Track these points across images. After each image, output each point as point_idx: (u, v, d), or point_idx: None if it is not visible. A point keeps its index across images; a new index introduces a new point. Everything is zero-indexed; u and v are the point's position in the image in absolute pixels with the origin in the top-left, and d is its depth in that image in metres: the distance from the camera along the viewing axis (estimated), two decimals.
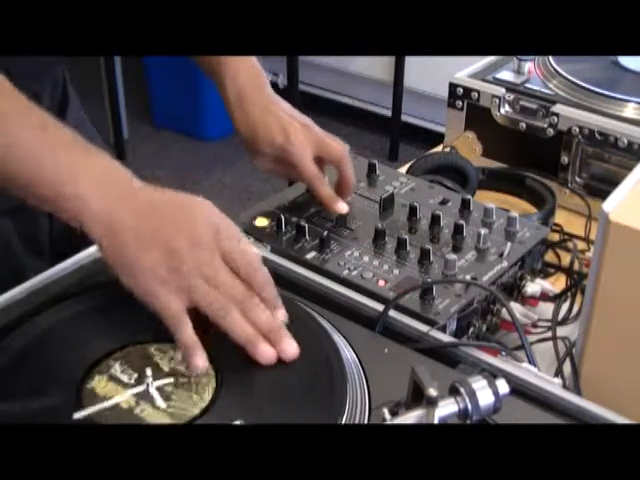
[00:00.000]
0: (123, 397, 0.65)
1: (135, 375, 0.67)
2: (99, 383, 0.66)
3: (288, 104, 0.96)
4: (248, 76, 0.94)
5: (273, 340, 0.68)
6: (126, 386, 0.66)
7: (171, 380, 0.66)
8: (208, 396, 0.65)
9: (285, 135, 0.91)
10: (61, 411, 0.63)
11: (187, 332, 0.67)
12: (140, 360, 0.68)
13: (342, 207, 0.93)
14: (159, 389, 0.65)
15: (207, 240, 0.69)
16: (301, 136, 0.92)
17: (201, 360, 0.67)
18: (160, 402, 0.65)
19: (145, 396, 0.65)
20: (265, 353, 0.68)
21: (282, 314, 0.71)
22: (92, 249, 0.81)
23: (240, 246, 0.71)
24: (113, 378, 0.66)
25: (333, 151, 0.94)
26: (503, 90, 1.17)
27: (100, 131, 1.16)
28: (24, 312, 0.74)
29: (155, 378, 0.66)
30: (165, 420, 0.63)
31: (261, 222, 0.92)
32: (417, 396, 0.60)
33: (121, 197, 0.70)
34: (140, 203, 0.70)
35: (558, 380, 0.74)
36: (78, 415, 0.62)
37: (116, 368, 0.67)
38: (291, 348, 0.69)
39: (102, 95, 3.15)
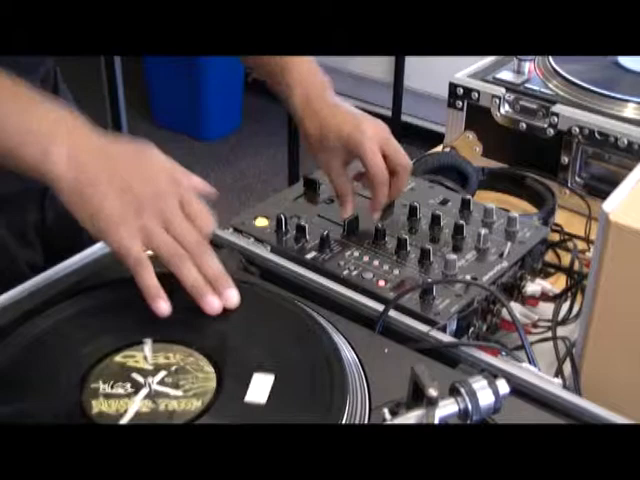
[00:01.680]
0: (137, 404, 0.64)
1: (128, 385, 0.66)
2: (101, 406, 0.64)
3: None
4: (315, 80, 0.97)
5: (219, 288, 0.71)
6: (130, 395, 0.65)
7: (165, 372, 0.66)
8: (210, 368, 0.66)
9: (355, 124, 0.92)
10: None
11: (150, 277, 0.69)
12: (119, 372, 0.67)
13: (376, 216, 0.92)
14: (162, 383, 0.66)
15: (167, 187, 0.72)
16: (372, 127, 0.92)
17: (164, 304, 0.69)
18: (175, 392, 0.65)
19: (156, 394, 0.65)
20: (211, 302, 0.70)
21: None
22: (88, 251, 0.81)
23: (197, 199, 0.73)
24: (110, 396, 0.65)
25: (400, 154, 0.92)
26: (503, 90, 1.17)
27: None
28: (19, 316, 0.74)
29: (150, 377, 0.66)
30: (194, 403, 0.64)
31: (261, 222, 0.92)
32: (417, 396, 0.60)
33: (82, 141, 0.72)
34: (101, 147, 0.73)
35: (558, 380, 0.74)
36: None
37: (103, 387, 0.66)
38: (233, 296, 0.71)
39: (102, 95, 3.14)
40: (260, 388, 0.65)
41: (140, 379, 0.66)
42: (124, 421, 0.62)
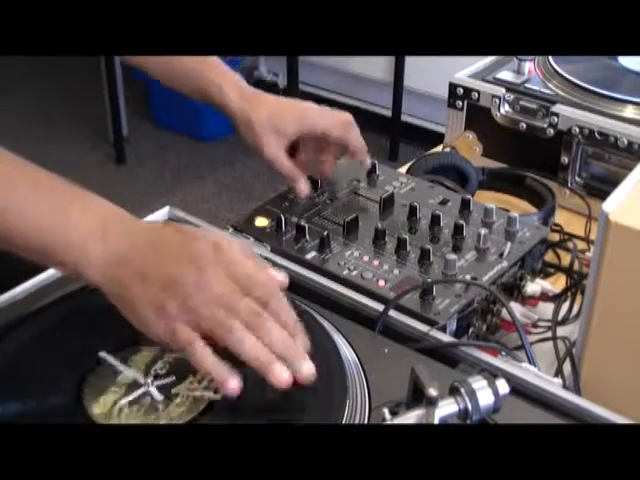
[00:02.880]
0: (129, 402, 0.65)
1: (129, 383, 0.67)
2: (100, 402, 0.65)
3: None
4: (235, 76, 1.00)
5: (289, 362, 0.62)
6: (128, 394, 0.66)
7: (166, 373, 0.67)
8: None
9: (314, 108, 0.98)
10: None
11: (207, 358, 0.62)
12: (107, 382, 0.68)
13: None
14: (161, 383, 0.66)
15: (211, 261, 0.64)
16: (317, 109, 0.99)
17: (234, 380, 0.62)
18: (172, 394, 0.66)
19: (154, 395, 0.66)
20: (279, 375, 0.61)
21: (303, 341, 0.64)
22: None
23: (252, 268, 0.66)
24: (110, 391, 0.66)
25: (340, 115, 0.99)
26: (503, 90, 1.17)
27: (100, 130, 1.16)
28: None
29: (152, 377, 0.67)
30: (191, 406, 0.64)
31: (261, 222, 0.92)
32: (417, 396, 0.60)
33: (122, 239, 0.67)
34: (141, 241, 0.67)
35: (558, 380, 0.74)
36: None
37: (106, 382, 0.67)
38: (307, 369, 0.63)
39: (102, 94, 3.14)
40: None
41: (142, 378, 0.66)
42: (120, 420, 0.63)
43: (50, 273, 0.80)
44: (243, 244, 0.68)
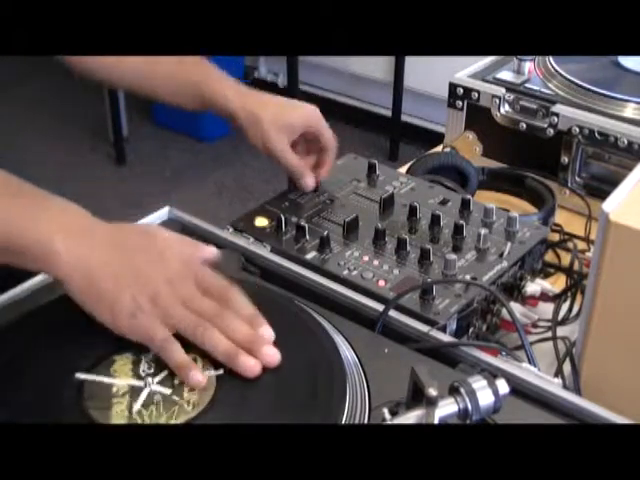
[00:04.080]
0: (128, 403, 0.65)
1: (131, 380, 0.67)
2: (101, 401, 0.65)
3: None
4: (230, 79, 1.01)
5: (254, 349, 0.67)
6: (128, 392, 0.66)
7: (168, 375, 0.67)
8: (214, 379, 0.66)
9: (308, 108, 1.00)
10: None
11: (177, 354, 0.67)
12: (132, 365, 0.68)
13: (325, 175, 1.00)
14: (161, 384, 0.66)
15: (179, 269, 0.70)
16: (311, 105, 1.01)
17: (198, 375, 0.66)
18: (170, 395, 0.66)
19: (152, 396, 0.66)
20: (246, 364, 0.66)
21: (266, 330, 0.69)
22: None
23: (209, 272, 0.71)
24: (110, 387, 0.66)
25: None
26: (503, 90, 1.17)
27: (100, 130, 1.16)
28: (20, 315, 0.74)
29: (153, 377, 0.67)
30: (187, 408, 0.64)
31: (261, 222, 0.92)
32: (417, 396, 0.60)
33: (86, 237, 0.70)
34: (105, 239, 0.70)
35: (558, 380, 0.74)
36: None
37: (108, 378, 0.67)
38: (272, 353, 0.67)
39: (102, 94, 3.15)
40: None
41: (143, 378, 0.66)
42: (118, 420, 0.63)
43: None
44: (185, 240, 0.74)
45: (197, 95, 1.00)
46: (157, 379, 0.66)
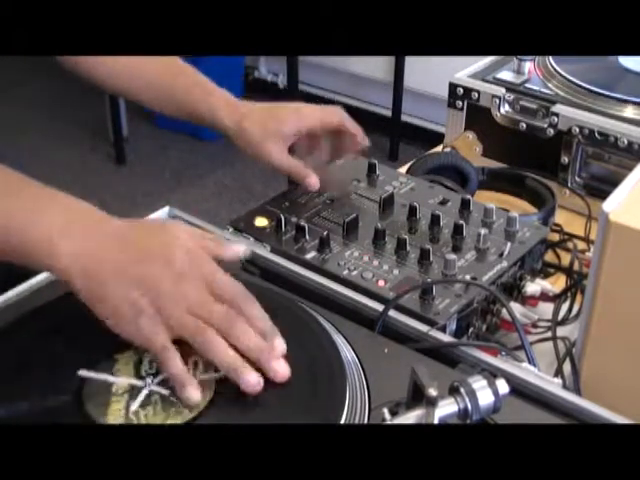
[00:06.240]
0: (125, 402, 0.65)
1: (132, 378, 0.67)
2: (100, 396, 0.65)
3: None
4: (218, 88, 1.02)
5: (262, 362, 0.65)
6: (127, 391, 0.66)
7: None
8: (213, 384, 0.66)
9: (300, 109, 1.00)
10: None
11: (176, 365, 0.64)
12: (134, 363, 0.68)
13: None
14: (161, 384, 0.66)
15: (186, 268, 0.66)
16: (308, 105, 1.01)
17: (194, 391, 0.64)
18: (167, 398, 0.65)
19: (149, 396, 0.66)
20: (249, 381, 0.64)
21: (279, 344, 0.66)
22: None
23: (225, 276, 0.68)
24: (110, 384, 0.66)
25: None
26: (503, 90, 1.17)
27: (100, 131, 1.16)
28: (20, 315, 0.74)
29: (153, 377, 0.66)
30: (179, 413, 0.64)
31: (261, 222, 0.92)
32: (417, 396, 0.60)
33: (90, 234, 0.68)
34: (109, 236, 0.68)
35: (558, 380, 0.74)
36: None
37: (111, 374, 0.67)
38: (282, 370, 0.65)
39: (102, 95, 3.15)
40: None
41: (143, 378, 0.66)
42: (111, 419, 0.63)
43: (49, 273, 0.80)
44: (199, 234, 0.71)
45: (186, 109, 1.01)
46: (157, 379, 0.66)
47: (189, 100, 1.01)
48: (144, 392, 0.65)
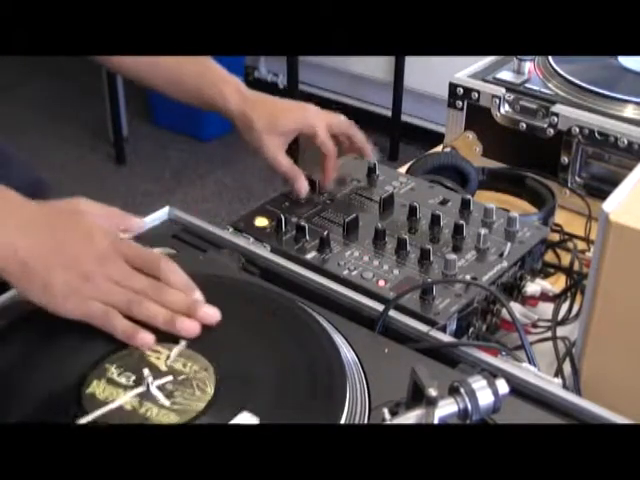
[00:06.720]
0: (125, 399, 0.64)
1: (133, 377, 0.66)
2: (98, 387, 0.65)
3: None
4: (233, 77, 1.02)
5: (192, 313, 0.70)
6: (126, 388, 0.65)
7: (170, 378, 0.66)
8: (210, 390, 0.65)
9: (304, 107, 1.02)
10: (62, 417, 0.63)
11: (120, 322, 0.69)
12: (136, 362, 0.68)
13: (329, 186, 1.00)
14: (160, 388, 0.65)
15: (106, 245, 0.71)
16: (314, 109, 1.02)
17: (146, 335, 0.68)
18: (164, 400, 0.64)
19: (147, 396, 0.65)
20: (185, 325, 0.69)
21: (197, 294, 0.72)
22: None
23: (138, 247, 0.74)
24: (111, 381, 0.66)
25: (345, 123, 1.03)
26: (503, 90, 1.17)
27: (100, 131, 1.16)
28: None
29: (154, 378, 0.66)
30: (172, 417, 0.63)
31: (261, 222, 0.92)
32: (417, 396, 0.60)
33: (8, 219, 0.70)
34: (31, 219, 0.71)
35: (558, 380, 0.74)
36: (83, 420, 0.62)
37: (112, 371, 0.67)
38: (211, 311, 0.70)
39: (102, 95, 3.15)
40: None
41: (146, 376, 0.66)
42: (99, 413, 0.63)
43: None
44: (111, 214, 0.77)
45: (197, 94, 1.01)
46: (157, 381, 0.66)
47: (200, 85, 1.01)
48: (144, 392, 0.65)
